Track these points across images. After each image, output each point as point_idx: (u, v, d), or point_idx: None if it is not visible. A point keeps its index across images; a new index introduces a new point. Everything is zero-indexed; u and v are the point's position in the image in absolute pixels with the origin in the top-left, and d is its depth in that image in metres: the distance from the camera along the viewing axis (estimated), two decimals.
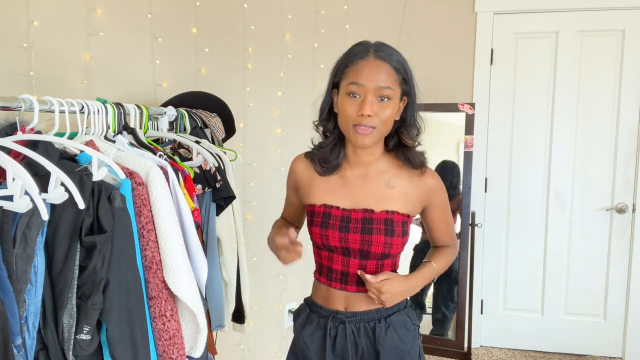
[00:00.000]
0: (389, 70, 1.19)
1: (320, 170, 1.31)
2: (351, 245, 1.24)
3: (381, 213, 1.24)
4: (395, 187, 1.27)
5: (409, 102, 1.26)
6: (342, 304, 1.31)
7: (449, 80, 3.02)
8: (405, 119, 1.27)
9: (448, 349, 2.67)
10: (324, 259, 1.32)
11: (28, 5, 1.69)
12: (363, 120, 1.16)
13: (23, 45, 1.69)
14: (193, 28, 2.30)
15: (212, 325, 1.75)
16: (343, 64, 1.23)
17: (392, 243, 1.23)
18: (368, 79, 1.17)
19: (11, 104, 1.11)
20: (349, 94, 1.19)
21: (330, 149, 1.29)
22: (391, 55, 1.21)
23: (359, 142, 1.20)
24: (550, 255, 3.00)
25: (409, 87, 1.25)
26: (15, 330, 0.95)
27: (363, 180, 1.28)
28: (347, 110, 1.18)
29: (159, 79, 2.13)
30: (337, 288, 1.30)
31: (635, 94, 2.82)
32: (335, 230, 1.25)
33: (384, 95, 1.18)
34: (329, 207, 1.27)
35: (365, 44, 1.23)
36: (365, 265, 1.26)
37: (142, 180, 1.25)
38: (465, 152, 2.67)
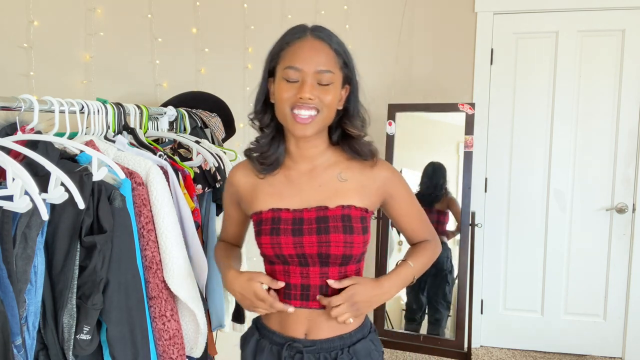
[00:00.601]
0: (328, 52, 1.08)
1: (260, 169, 1.17)
2: (307, 251, 1.10)
3: (336, 209, 1.11)
4: (348, 179, 1.15)
5: (352, 91, 1.15)
6: (302, 329, 1.14)
7: (449, 80, 3.02)
8: (348, 109, 1.15)
9: (448, 349, 2.67)
10: (279, 275, 1.15)
11: (28, 5, 1.69)
12: (302, 102, 1.04)
13: (23, 45, 1.69)
14: (193, 28, 2.30)
15: (212, 325, 1.75)
16: (278, 48, 1.11)
17: (352, 242, 1.09)
18: (306, 62, 1.05)
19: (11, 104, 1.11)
20: (286, 79, 1.07)
21: (268, 143, 1.16)
22: (330, 36, 1.11)
23: (299, 132, 1.07)
24: (550, 255, 2.99)
25: (351, 73, 1.13)
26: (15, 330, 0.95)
27: (311, 176, 1.16)
28: (283, 96, 1.06)
29: (159, 79, 2.13)
30: (298, 306, 1.14)
31: (635, 94, 2.82)
32: (287, 236, 1.10)
33: (324, 80, 1.07)
34: (277, 211, 1.13)
35: (302, 26, 1.12)
36: (327, 273, 1.12)
37: (142, 180, 1.25)
38: (465, 152, 2.67)
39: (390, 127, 2.76)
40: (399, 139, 2.75)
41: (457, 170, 2.76)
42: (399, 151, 2.77)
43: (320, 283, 1.12)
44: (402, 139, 2.76)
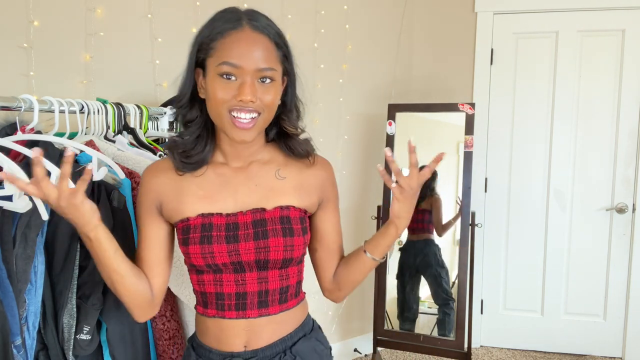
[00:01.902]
0: (268, 46, 0.96)
1: (180, 166, 1.01)
2: (244, 258, 0.99)
3: (274, 210, 1.01)
4: (286, 177, 1.05)
5: (290, 83, 1.05)
6: (241, 341, 1.03)
7: (449, 80, 3.02)
8: (286, 102, 1.05)
9: (448, 349, 2.67)
10: (210, 285, 1.02)
11: (28, 5, 1.69)
12: (243, 106, 0.93)
13: (23, 45, 1.69)
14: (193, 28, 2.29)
15: None
16: (208, 37, 0.97)
17: (292, 245, 1.00)
18: (245, 59, 0.93)
19: (11, 104, 1.11)
20: (222, 75, 0.93)
21: (194, 141, 1.02)
22: (269, 26, 0.98)
23: (238, 138, 0.95)
24: (550, 255, 2.99)
25: (290, 65, 1.03)
26: (15, 331, 0.95)
27: (246, 174, 1.04)
28: (219, 95, 0.93)
29: (159, 79, 2.13)
30: (234, 317, 1.02)
31: (635, 94, 2.82)
32: (221, 244, 0.98)
33: (266, 77, 0.95)
34: (208, 217, 0.99)
35: (235, 11, 0.98)
36: (266, 277, 1.02)
37: None
38: (465, 152, 2.67)
39: (390, 127, 2.76)
40: (399, 139, 2.75)
41: (457, 170, 2.76)
42: (399, 151, 2.77)
43: (258, 289, 1.02)
44: (402, 139, 2.76)
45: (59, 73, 1.80)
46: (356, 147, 2.95)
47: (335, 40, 2.74)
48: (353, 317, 3.01)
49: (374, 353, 2.81)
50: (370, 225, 2.88)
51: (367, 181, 3.01)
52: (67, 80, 1.83)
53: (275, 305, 1.04)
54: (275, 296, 1.04)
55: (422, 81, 3.08)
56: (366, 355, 3.02)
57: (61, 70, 1.81)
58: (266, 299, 1.03)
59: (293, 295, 1.08)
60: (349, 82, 2.80)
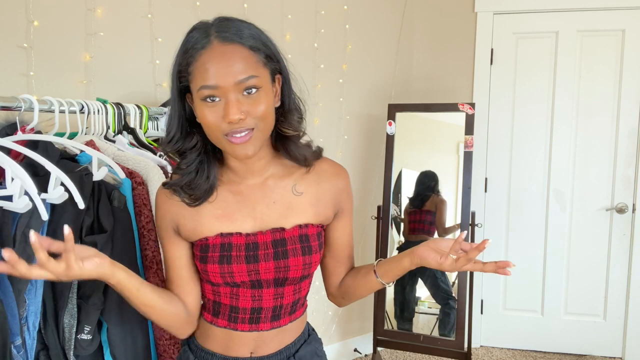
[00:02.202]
0: (243, 54, 0.89)
1: (189, 202, 0.98)
2: (263, 277, 0.99)
3: (293, 229, 0.99)
4: (303, 192, 1.02)
5: (284, 82, 0.99)
6: (248, 349, 1.03)
7: (449, 80, 3.02)
8: (284, 102, 0.99)
9: (448, 349, 2.67)
10: (225, 297, 1.01)
11: (28, 5, 1.69)
12: (235, 127, 0.88)
13: (23, 45, 1.69)
14: None
15: None
16: (184, 62, 0.93)
17: (311, 262, 1.01)
18: (220, 76, 0.87)
19: (11, 104, 1.11)
20: (205, 99, 0.89)
21: (195, 170, 0.97)
22: (240, 31, 0.92)
23: (240, 154, 0.91)
24: (550, 255, 3.00)
25: (278, 63, 0.96)
26: (15, 331, 0.95)
27: (263, 191, 1.01)
28: (209, 121, 0.89)
29: (159, 79, 2.13)
30: (246, 330, 1.02)
31: (635, 94, 2.82)
32: (240, 264, 0.97)
33: (249, 87, 0.89)
34: (228, 236, 0.98)
35: (204, 26, 0.93)
36: (281, 293, 1.02)
37: (142, 180, 1.25)
38: (465, 152, 2.67)
39: (390, 127, 2.76)
40: (399, 139, 2.76)
41: (457, 170, 2.76)
42: (399, 151, 2.77)
43: (273, 304, 1.02)
44: (402, 139, 2.77)
45: (59, 73, 1.80)
46: (356, 147, 2.95)
47: (335, 40, 2.74)
48: (353, 317, 3.02)
49: (374, 353, 2.81)
50: (371, 225, 2.88)
51: (367, 181, 3.01)
52: (67, 80, 1.83)
53: (286, 317, 1.06)
54: (287, 309, 1.05)
55: (422, 81, 3.08)
56: (366, 355, 3.02)
57: (61, 70, 1.81)
58: (279, 313, 1.04)
59: (301, 305, 1.09)
60: (349, 82, 2.80)
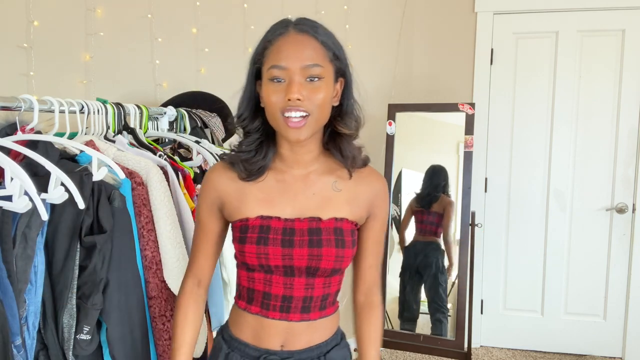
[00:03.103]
0: (314, 44, 0.99)
1: (244, 175, 1.06)
2: (296, 263, 1.03)
3: (329, 221, 1.04)
4: (342, 190, 1.08)
5: (347, 85, 1.06)
6: (279, 340, 1.07)
7: (449, 80, 3.02)
8: (342, 105, 1.06)
9: (448, 349, 2.67)
10: (259, 283, 1.06)
11: (28, 5, 1.69)
12: (292, 105, 0.96)
13: (23, 45, 1.69)
14: (193, 28, 2.30)
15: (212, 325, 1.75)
16: (261, 47, 1.03)
17: (343, 256, 1.04)
18: (290, 58, 0.97)
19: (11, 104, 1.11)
20: (272, 80, 0.98)
21: (255, 149, 1.06)
22: (316, 27, 1.02)
23: (293, 137, 0.98)
24: (550, 255, 2.99)
25: (344, 65, 1.04)
26: (15, 331, 0.95)
27: (305, 183, 1.07)
28: (272, 99, 0.97)
29: (159, 79, 2.13)
30: (277, 318, 1.06)
31: (635, 94, 2.82)
32: (276, 246, 1.01)
33: (313, 75, 0.97)
34: (267, 219, 1.03)
35: (285, 20, 1.05)
36: (312, 284, 1.05)
37: (142, 180, 1.25)
38: (465, 152, 2.67)
39: (390, 127, 2.76)
40: (399, 139, 2.76)
41: (457, 170, 2.77)
42: (399, 151, 2.77)
43: (304, 295, 1.06)
44: (402, 139, 2.77)
45: (59, 73, 1.80)
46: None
47: None
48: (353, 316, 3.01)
49: None
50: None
51: None
52: (67, 80, 1.83)
53: (316, 312, 1.08)
54: (317, 303, 1.08)
55: (422, 81, 3.08)
56: None
57: (61, 70, 1.81)
58: (309, 305, 1.07)
59: (331, 303, 1.12)
60: None
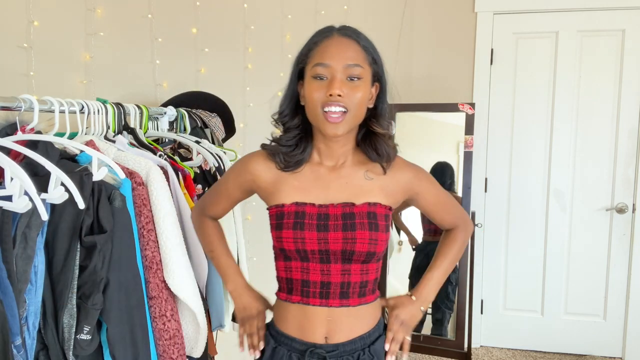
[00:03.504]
0: (355, 47, 1.09)
1: (282, 166, 1.15)
2: (332, 247, 1.09)
3: (363, 206, 1.11)
4: (373, 178, 1.16)
5: (382, 89, 1.15)
6: (322, 332, 1.12)
7: (449, 80, 3.02)
8: (377, 107, 1.15)
9: (448, 349, 2.67)
10: (297, 272, 1.12)
11: (28, 5, 1.69)
12: (332, 100, 1.04)
13: (23, 45, 1.69)
14: (193, 28, 2.30)
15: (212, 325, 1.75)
16: (306, 49, 1.12)
17: (377, 239, 1.10)
18: (334, 58, 1.06)
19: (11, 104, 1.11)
20: (315, 77, 1.07)
21: (294, 144, 1.15)
22: (358, 33, 1.12)
23: (330, 132, 1.07)
24: (550, 255, 2.99)
25: (380, 70, 1.14)
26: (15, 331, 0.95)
27: (338, 173, 1.15)
28: (314, 95, 1.06)
29: (159, 79, 2.13)
30: (317, 305, 1.11)
31: (635, 94, 2.82)
32: (312, 231, 1.08)
33: (354, 75, 1.06)
34: (302, 205, 1.11)
35: (329, 26, 1.14)
36: (349, 270, 1.11)
37: (142, 180, 1.25)
38: (465, 152, 2.67)
39: None
40: (399, 139, 2.72)
41: (457, 171, 2.77)
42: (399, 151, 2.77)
43: (341, 280, 1.11)
44: (402, 139, 2.75)
45: (59, 73, 1.80)
46: None
47: None
48: None
49: None
50: None
51: None
52: (67, 80, 1.83)
53: (355, 298, 1.13)
54: (355, 289, 1.12)
55: (422, 81, 3.08)
56: None
57: (61, 70, 1.81)
58: (347, 291, 1.12)
59: (370, 291, 1.16)
60: None
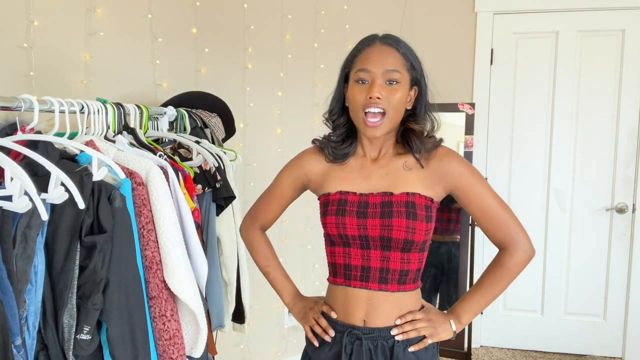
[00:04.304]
0: (395, 54, 1.19)
1: (331, 158, 1.28)
2: (370, 233, 1.17)
3: (401, 195, 1.18)
4: (412, 169, 1.22)
5: (420, 93, 1.25)
6: (361, 314, 1.21)
7: (449, 80, 3.02)
8: (416, 108, 1.25)
9: (448, 349, 2.67)
10: (339, 257, 1.23)
11: (28, 5, 1.69)
12: (372, 102, 1.14)
13: (23, 45, 1.69)
14: (193, 28, 2.30)
15: (212, 325, 1.75)
16: (351, 56, 1.24)
17: (415, 228, 1.15)
18: (375, 64, 1.16)
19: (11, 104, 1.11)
20: (358, 81, 1.18)
21: (341, 141, 1.28)
22: (398, 42, 1.22)
23: (370, 134, 1.18)
24: (550, 255, 3.00)
25: (419, 75, 1.23)
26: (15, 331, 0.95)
27: (379, 164, 1.25)
28: (356, 97, 1.17)
29: (159, 79, 2.13)
30: (358, 287, 1.21)
31: (635, 94, 2.82)
32: (352, 217, 1.18)
33: (392, 79, 1.16)
34: (345, 194, 1.22)
35: (373, 35, 1.24)
36: (388, 257, 1.18)
37: (142, 180, 1.25)
38: (465, 152, 2.67)
39: None
40: None
41: None
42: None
43: (380, 266, 1.19)
44: None
45: (59, 73, 1.80)
46: None
47: (335, 40, 2.74)
48: None
49: None
50: None
51: None
52: (67, 80, 1.83)
53: (394, 284, 1.20)
54: (395, 276, 1.19)
55: None
56: None
57: (61, 70, 1.81)
58: (386, 276, 1.19)
59: (411, 280, 1.22)
60: None
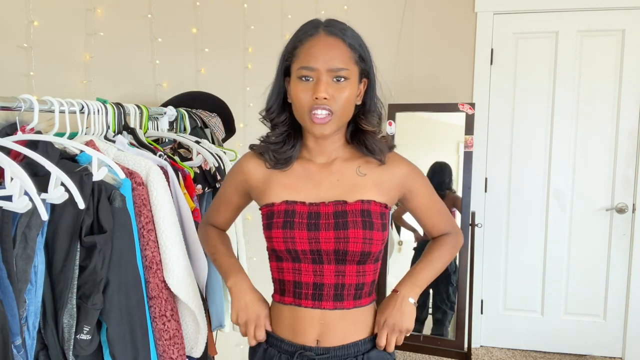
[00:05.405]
0: (341, 47, 1.06)
1: (272, 164, 1.13)
2: (323, 247, 1.05)
3: (355, 204, 1.07)
4: (366, 174, 1.12)
5: (369, 85, 1.14)
6: (314, 334, 1.08)
7: (449, 80, 3.02)
8: (366, 103, 1.14)
9: (448, 349, 2.67)
10: (288, 273, 1.09)
11: (28, 5, 1.69)
12: (319, 103, 1.03)
13: (23, 45, 1.69)
14: (193, 28, 2.30)
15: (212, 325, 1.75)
16: (291, 46, 1.10)
17: (372, 238, 1.05)
18: (319, 60, 1.04)
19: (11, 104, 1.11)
20: (301, 78, 1.05)
21: (283, 141, 1.13)
22: (344, 30, 1.09)
23: (317, 132, 1.05)
24: (550, 255, 2.99)
25: (368, 66, 1.12)
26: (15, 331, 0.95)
27: (329, 170, 1.12)
28: (300, 96, 1.05)
29: (159, 79, 2.13)
30: (309, 307, 1.08)
31: (635, 94, 2.82)
32: (302, 230, 1.05)
33: (339, 76, 1.05)
34: (292, 204, 1.08)
35: (315, 21, 1.12)
36: (343, 271, 1.06)
37: (142, 180, 1.25)
38: (465, 152, 2.67)
39: (390, 127, 2.76)
40: (399, 139, 2.75)
41: (457, 170, 2.77)
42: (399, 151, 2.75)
43: (335, 282, 1.07)
44: (402, 139, 2.76)
45: (59, 73, 1.80)
46: None
47: None
48: None
49: None
50: None
51: None
52: (67, 80, 1.83)
53: (350, 300, 1.09)
54: (350, 291, 1.08)
55: (422, 81, 3.08)
56: None
57: (61, 70, 1.81)
58: (342, 293, 1.08)
59: (367, 293, 1.11)
60: None
